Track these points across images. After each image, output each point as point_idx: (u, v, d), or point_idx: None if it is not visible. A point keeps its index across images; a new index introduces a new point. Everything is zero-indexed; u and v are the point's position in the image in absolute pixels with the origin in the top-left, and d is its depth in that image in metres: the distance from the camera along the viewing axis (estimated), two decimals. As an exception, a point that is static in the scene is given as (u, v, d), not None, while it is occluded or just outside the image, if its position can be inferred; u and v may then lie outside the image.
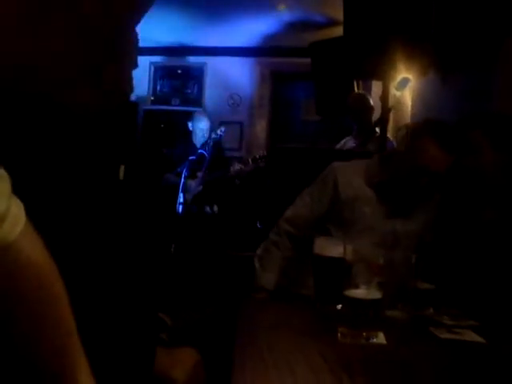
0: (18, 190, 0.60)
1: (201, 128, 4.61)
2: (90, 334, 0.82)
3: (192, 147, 4.55)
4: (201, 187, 4.23)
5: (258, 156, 4.26)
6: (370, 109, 3.78)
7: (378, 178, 1.83)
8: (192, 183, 4.28)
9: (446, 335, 1.29)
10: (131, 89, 1.06)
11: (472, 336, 1.30)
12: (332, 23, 4.49)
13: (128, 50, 0.94)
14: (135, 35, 1.05)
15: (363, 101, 3.79)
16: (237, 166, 4.21)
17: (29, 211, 0.62)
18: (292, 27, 5.00)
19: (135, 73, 1.07)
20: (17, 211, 0.58)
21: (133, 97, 5.58)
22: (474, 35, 2.16)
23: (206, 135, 4.59)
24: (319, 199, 1.88)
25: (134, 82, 1.08)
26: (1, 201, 0.54)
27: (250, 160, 4.24)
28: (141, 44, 1.06)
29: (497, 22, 1.99)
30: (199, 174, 4.28)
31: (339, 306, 1.32)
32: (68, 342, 0.65)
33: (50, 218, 0.81)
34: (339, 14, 3.06)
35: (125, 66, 0.98)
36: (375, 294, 1.18)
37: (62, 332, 0.65)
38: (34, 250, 0.62)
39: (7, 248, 0.57)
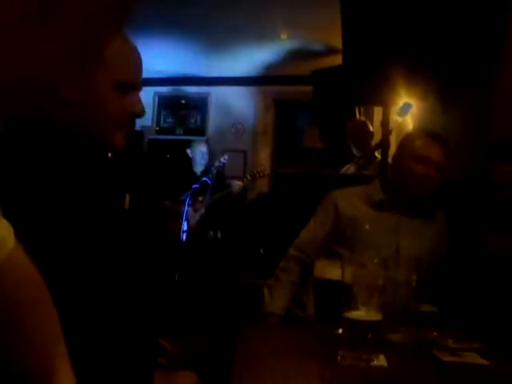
0: (23, 215, 0.61)
1: (200, 155, 4.63)
2: (89, 357, 0.82)
3: (192, 175, 4.56)
4: (203, 210, 4.24)
5: (255, 172, 4.27)
6: (370, 134, 3.80)
7: (379, 199, 1.87)
8: (195, 211, 4.29)
9: (449, 358, 1.27)
10: (143, 111, 1.08)
11: (476, 358, 1.27)
12: (333, 51, 4.55)
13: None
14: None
15: (362, 128, 3.82)
16: (235, 183, 4.24)
17: (34, 236, 0.63)
18: (293, 56, 5.07)
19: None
20: (5, 233, 0.59)
21: (138, 126, 5.64)
22: (471, 58, 2.19)
23: (205, 162, 4.61)
24: (321, 224, 1.93)
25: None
26: None
27: (248, 176, 4.25)
28: (145, 75, 1.10)
29: (490, 47, 2.02)
30: (201, 199, 4.29)
31: (340, 331, 1.31)
32: (53, 354, 0.66)
33: (54, 243, 0.81)
34: (339, 43, 3.11)
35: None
36: (375, 316, 1.17)
37: (47, 348, 0.65)
38: (22, 272, 0.63)
39: None
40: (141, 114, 1.08)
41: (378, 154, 3.50)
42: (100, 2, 0.32)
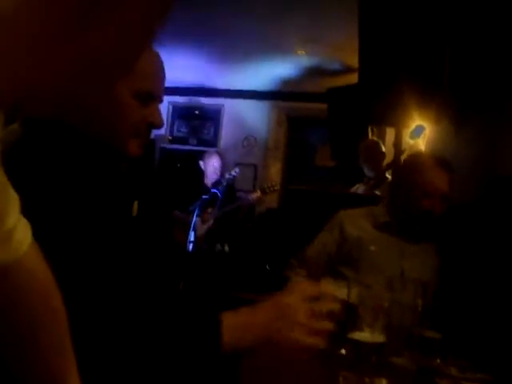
0: (33, 215, 0.61)
1: (212, 167, 4.65)
2: (92, 360, 0.82)
3: (203, 186, 4.58)
4: (212, 222, 4.24)
5: (266, 186, 4.28)
6: (382, 155, 3.80)
7: (384, 220, 1.87)
8: (203, 222, 4.29)
9: (452, 386, 1.25)
10: (161, 123, 1.09)
11: (480, 389, 1.25)
12: (348, 70, 4.57)
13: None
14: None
15: (375, 147, 3.81)
16: (245, 196, 4.24)
17: (43, 238, 0.64)
18: (309, 73, 5.09)
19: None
20: (23, 231, 0.59)
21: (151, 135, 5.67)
22: (488, 84, 2.18)
23: (218, 174, 4.62)
24: (324, 244, 1.93)
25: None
26: (9, 220, 0.56)
27: (258, 190, 4.25)
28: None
29: (506, 73, 2.01)
30: (210, 210, 4.30)
31: (343, 351, 1.29)
32: (61, 360, 0.66)
33: (62, 246, 0.82)
34: (355, 61, 3.12)
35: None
36: (379, 338, 1.15)
37: (56, 352, 0.66)
38: (37, 270, 0.63)
39: (12, 266, 0.58)
40: (159, 125, 1.08)
41: (388, 175, 3.49)
42: (137, 13, 0.32)
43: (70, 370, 0.66)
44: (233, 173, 4.51)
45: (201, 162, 4.74)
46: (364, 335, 1.16)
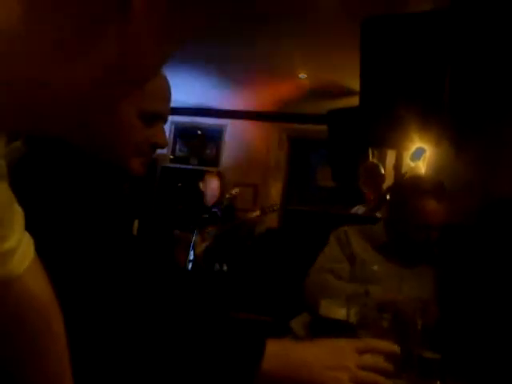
0: (35, 231, 0.62)
1: (211, 189, 4.67)
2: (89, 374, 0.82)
3: (203, 207, 4.59)
4: (211, 240, 4.24)
5: (266, 206, 4.29)
6: (382, 177, 3.81)
7: (383, 241, 1.87)
8: (202, 241, 4.29)
9: (451, 409, 1.24)
10: (165, 143, 1.09)
11: (479, 411, 1.24)
12: (349, 93, 4.62)
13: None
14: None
15: (375, 170, 3.83)
16: (245, 216, 4.26)
17: (45, 254, 0.64)
18: (310, 95, 5.14)
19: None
20: (26, 247, 0.60)
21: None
22: (488, 107, 2.20)
23: (217, 196, 4.64)
24: (340, 258, 1.86)
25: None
26: (14, 236, 0.56)
27: (258, 210, 4.27)
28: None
29: (505, 96, 2.03)
30: (210, 229, 4.30)
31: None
32: (59, 379, 0.66)
33: (63, 263, 0.82)
34: (356, 85, 3.16)
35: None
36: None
37: (55, 369, 0.65)
38: (38, 286, 0.63)
39: (13, 281, 0.59)
40: (163, 145, 1.08)
41: (389, 197, 3.50)
42: (146, 37, 0.31)
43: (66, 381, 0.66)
44: (233, 192, 4.53)
45: (200, 184, 4.76)
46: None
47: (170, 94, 1.10)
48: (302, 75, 4.76)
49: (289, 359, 0.89)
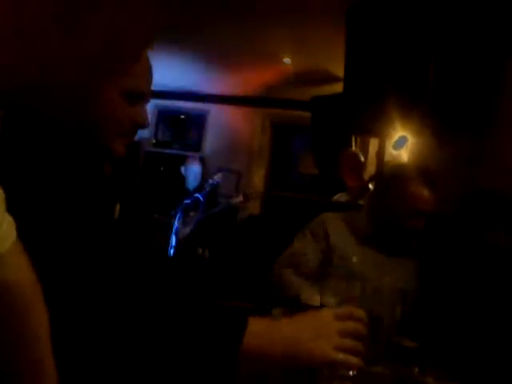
0: (15, 214, 0.61)
1: (193, 173, 4.66)
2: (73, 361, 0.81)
3: (184, 191, 4.58)
4: (193, 226, 4.24)
5: (249, 192, 4.31)
6: (362, 165, 3.83)
7: (364, 231, 1.85)
8: (185, 226, 4.28)
9: (428, 396, 1.26)
10: (147, 123, 1.09)
11: (456, 398, 1.26)
12: (334, 79, 4.61)
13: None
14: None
15: (354, 158, 3.84)
16: (226, 200, 4.27)
17: (25, 237, 0.64)
18: (295, 80, 5.13)
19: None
20: (8, 228, 0.60)
21: (136, 137, 5.64)
22: (470, 98, 2.22)
23: (198, 180, 4.63)
24: (312, 250, 1.85)
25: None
26: None
27: (241, 195, 4.28)
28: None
29: (487, 90, 2.05)
30: (192, 214, 4.30)
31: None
32: (40, 365, 0.66)
33: (44, 246, 0.81)
34: (341, 71, 3.15)
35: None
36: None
37: (35, 354, 0.65)
38: (20, 268, 0.64)
39: None
40: (145, 124, 1.09)
41: (371, 186, 3.52)
42: (129, 22, 0.32)
43: (47, 364, 0.66)
44: (216, 178, 4.52)
45: (182, 168, 4.74)
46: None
47: (151, 74, 1.09)
48: (287, 60, 4.74)
49: (272, 336, 0.91)
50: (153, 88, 1.10)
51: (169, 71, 5.05)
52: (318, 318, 0.97)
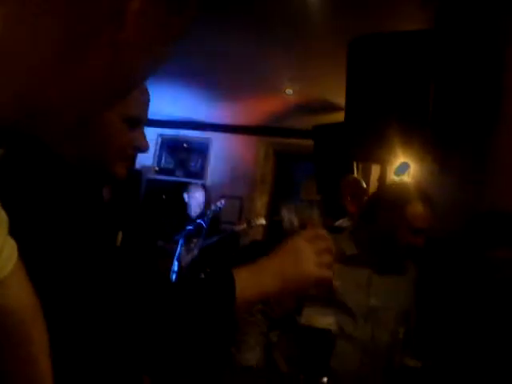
0: (16, 237, 0.63)
1: (196, 201, 4.66)
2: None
3: (187, 218, 4.58)
4: (196, 252, 4.23)
5: (252, 219, 4.30)
6: (362, 191, 3.84)
7: (350, 252, 1.82)
8: (188, 252, 4.28)
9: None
10: (147, 147, 1.12)
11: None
12: (335, 109, 4.67)
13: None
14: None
15: (356, 184, 3.86)
16: (230, 227, 4.26)
17: (26, 260, 0.65)
18: (297, 110, 5.20)
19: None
20: (10, 251, 0.60)
21: (137, 165, 5.68)
22: (471, 123, 2.26)
23: (202, 207, 4.64)
24: None
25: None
26: None
27: (244, 223, 4.28)
28: (151, 116, 1.15)
29: (488, 113, 2.09)
30: (195, 241, 4.29)
31: (325, 379, 1.30)
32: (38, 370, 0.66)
33: (45, 270, 0.82)
34: (342, 101, 3.20)
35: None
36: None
37: (35, 376, 0.65)
38: (20, 292, 0.64)
39: None
40: (145, 148, 1.12)
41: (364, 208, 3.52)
42: (130, 55, 0.33)
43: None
44: (218, 204, 4.53)
45: (185, 195, 4.75)
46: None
47: (149, 99, 1.14)
48: (289, 91, 4.81)
49: (259, 276, 1.00)
50: (157, 117, 1.13)
51: (172, 100, 5.13)
52: (294, 245, 1.07)
